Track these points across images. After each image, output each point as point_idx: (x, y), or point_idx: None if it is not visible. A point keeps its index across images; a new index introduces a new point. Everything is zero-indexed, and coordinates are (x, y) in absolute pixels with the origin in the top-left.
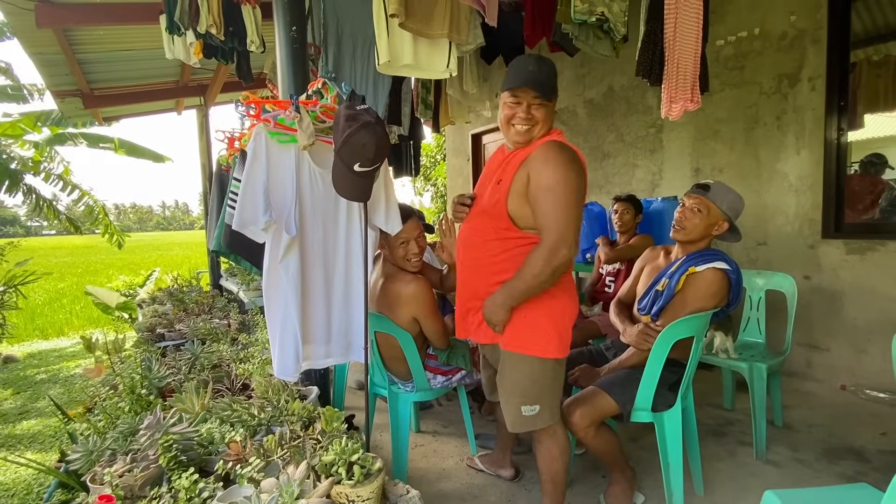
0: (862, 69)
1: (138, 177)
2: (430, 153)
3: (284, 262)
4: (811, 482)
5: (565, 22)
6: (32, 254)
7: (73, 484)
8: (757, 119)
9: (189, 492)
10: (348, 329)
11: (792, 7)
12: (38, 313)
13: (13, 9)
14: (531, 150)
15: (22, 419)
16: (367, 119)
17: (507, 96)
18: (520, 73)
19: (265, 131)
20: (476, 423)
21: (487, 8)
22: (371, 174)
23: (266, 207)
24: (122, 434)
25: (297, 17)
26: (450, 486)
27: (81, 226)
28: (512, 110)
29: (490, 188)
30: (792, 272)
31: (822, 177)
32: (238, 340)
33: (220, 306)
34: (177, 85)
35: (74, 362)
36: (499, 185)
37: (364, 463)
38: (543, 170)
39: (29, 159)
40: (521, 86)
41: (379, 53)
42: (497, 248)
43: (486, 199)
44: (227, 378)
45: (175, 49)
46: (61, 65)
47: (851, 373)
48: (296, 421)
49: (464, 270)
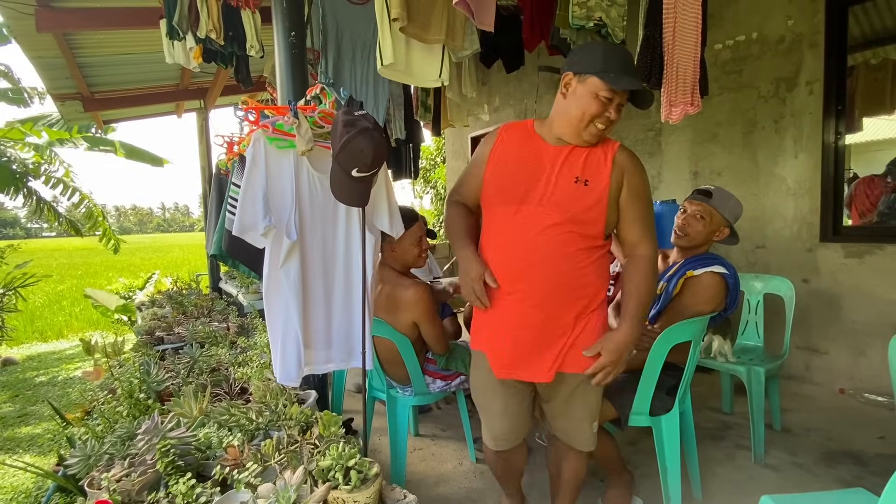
0: (860, 73)
1: (138, 179)
2: (430, 156)
3: (285, 267)
4: (809, 486)
5: (563, 27)
6: (32, 256)
7: (71, 488)
8: (755, 123)
9: (186, 497)
10: (349, 335)
11: (789, 11)
12: (37, 315)
13: (13, 13)
14: (609, 152)
15: (21, 423)
16: (364, 125)
17: (600, 87)
18: (623, 67)
19: (264, 137)
20: (475, 427)
21: (481, 14)
22: (369, 179)
23: (265, 213)
24: (120, 438)
25: (296, 22)
26: (448, 489)
27: (82, 228)
28: (602, 107)
29: (569, 187)
30: (790, 276)
31: (820, 180)
32: (237, 344)
33: (219, 309)
34: (177, 88)
35: (73, 365)
36: (586, 186)
37: (361, 468)
38: (640, 176)
39: (29, 162)
40: (626, 87)
41: (382, 55)
42: (584, 260)
43: (567, 201)
44: (226, 382)
45: (175, 53)
46: (61, 68)
47: (850, 376)
48: (293, 425)
49: (533, 295)
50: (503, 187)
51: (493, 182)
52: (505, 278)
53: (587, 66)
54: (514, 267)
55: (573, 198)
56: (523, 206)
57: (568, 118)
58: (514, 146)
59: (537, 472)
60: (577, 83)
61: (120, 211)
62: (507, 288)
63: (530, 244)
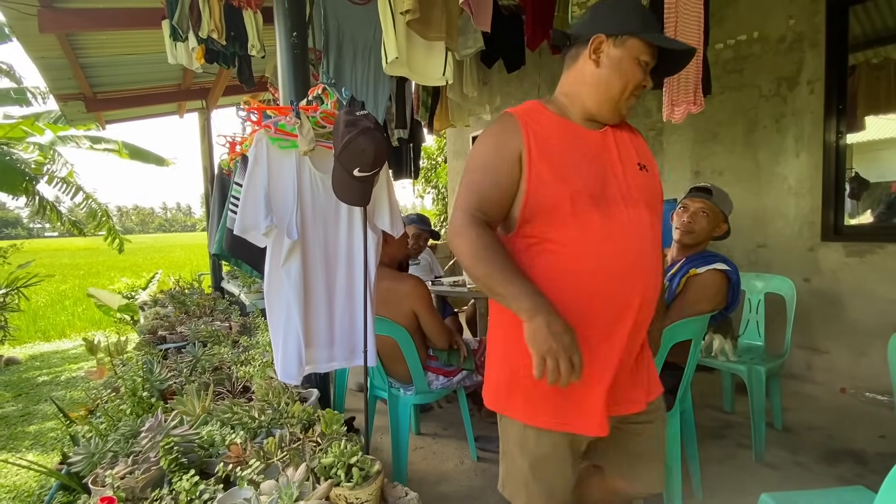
0: (861, 72)
1: (140, 179)
2: (431, 155)
3: (286, 266)
4: (810, 485)
5: (562, 28)
6: (35, 256)
7: (74, 486)
8: (756, 122)
9: (190, 493)
10: (352, 333)
11: (790, 11)
12: (40, 315)
13: (16, 13)
14: (634, 129)
15: (24, 422)
16: (366, 125)
17: (642, 50)
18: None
19: (266, 137)
20: (476, 426)
21: (480, 15)
22: (370, 179)
23: (267, 212)
24: (123, 436)
25: (297, 22)
26: (449, 488)
27: (84, 227)
28: (643, 74)
29: (638, 176)
30: (791, 275)
31: (821, 179)
32: (239, 343)
33: (221, 309)
34: (179, 88)
35: (76, 364)
36: (647, 172)
37: (363, 465)
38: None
39: (32, 162)
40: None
41: (387, 52)
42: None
43: (645, 193)
44: (228, 381)
45: (178, 54)
46: (64, 69)
47: (851, 375)
48: (296, 423)
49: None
50: (578, 191)
51: (553, 186)
52: (610, 308)
53: (624, 26)
54: (623, 290)
55: (646, 188)
56: (610, 209)
57: (607, 90)
58: (554, 135)
59: None
60: (612, 47)
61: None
62: (612, 319)
63: (637, 253)
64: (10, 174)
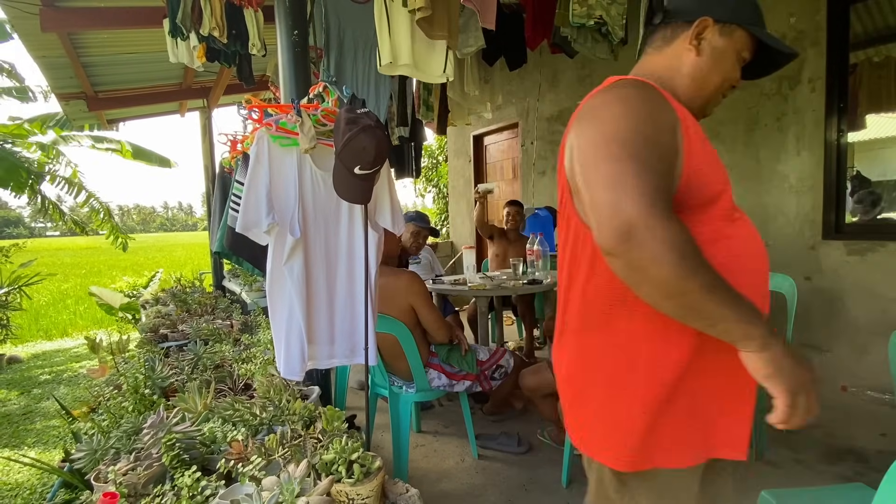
0: (862, 70)
1: (141, 178)
2: (432, 154)
3: (289, 264)
4: (810, 483)
5: (563, 25)
6: (36, 255)
7: (76, 483)
8: (757, 120)
9: (191, 490)
10: (353, 331)
11: (791, 9)
12: (42, 314)
13: (18, 12)
14: None
15: (26, 420)
16: (367, 122)
17: (746, 45)
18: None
19: (267, 135)
20: (477, 424)
21: (484, 13)
22: (371, 177)
23: (269, 210)
24: (125, 433)
25: (298, 20)
26: (450, 485)
27: (86, 226)
28: (739, 73)
29: None
30: (792, 273)
31: (822, 178)
32: (240, 341)
33: (222, 307)
34: (180, 87)
35: (78, 363)
36: None
37: (364, 462)
38: None
39: (35, 161)
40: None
41: (381, 55)
42: None
43: None
44: (230, 378)
45: (179, 53)
46: (66, 68)
47: (852, 374)
48: (297, 420)
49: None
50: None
51: (714, 170)
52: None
53: (737, 13)
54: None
55: None
56: (738, 210)
57: (704, 85)
58: (693, 120)
59: (539, 469)
60: (717, 35)
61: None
62: None
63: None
64: (16, 172)
